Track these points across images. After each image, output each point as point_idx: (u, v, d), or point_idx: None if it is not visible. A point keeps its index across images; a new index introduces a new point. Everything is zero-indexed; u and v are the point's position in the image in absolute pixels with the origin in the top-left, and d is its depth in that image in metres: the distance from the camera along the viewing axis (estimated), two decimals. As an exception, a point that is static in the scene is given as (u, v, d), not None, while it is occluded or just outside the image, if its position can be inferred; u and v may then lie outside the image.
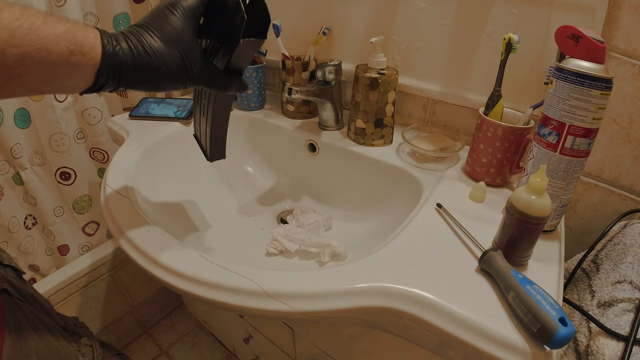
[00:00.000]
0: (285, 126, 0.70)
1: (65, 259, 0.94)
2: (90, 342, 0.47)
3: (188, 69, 0.32)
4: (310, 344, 0.61)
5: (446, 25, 0.58)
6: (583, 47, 0.37)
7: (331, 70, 0.62)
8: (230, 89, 0.36)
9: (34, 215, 0.89)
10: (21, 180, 0.83)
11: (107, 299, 0.97)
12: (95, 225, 0.99)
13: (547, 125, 0.39)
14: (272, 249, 0.55)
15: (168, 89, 0.33)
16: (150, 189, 0.56)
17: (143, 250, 0.40)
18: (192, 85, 0.33)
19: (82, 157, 0.90)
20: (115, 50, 0.29)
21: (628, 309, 0.38)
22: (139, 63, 0.29)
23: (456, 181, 0.53)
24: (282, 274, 0.37)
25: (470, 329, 0.32)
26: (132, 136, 0.64)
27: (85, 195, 0.93)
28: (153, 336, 1.12)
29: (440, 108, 0.65)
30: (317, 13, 0.70)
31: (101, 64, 0.28)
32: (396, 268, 0.37)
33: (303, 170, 0.70)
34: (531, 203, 0.34)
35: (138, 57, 0.29)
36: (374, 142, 0.62)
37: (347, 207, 0.65)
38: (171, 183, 0.63)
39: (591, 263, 0.48)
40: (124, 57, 0.29)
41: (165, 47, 0.30)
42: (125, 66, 0.29)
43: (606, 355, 0.35)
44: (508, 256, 0.37)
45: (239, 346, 0.92)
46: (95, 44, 0.28)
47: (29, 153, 0.83)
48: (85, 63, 0.27)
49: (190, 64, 0.32)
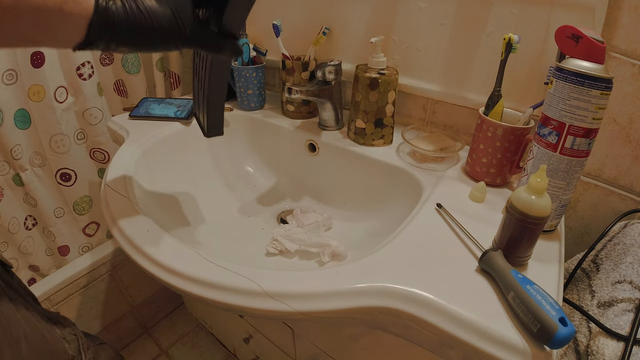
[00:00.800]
0: (285, 126, 0.70)
1: (65, 259, 0.95)
2: (74, 332, 0.48)
3: (181, 28, 0.32)
4: (310, 344, 0.61)
5: (446, 25, 0.58)
6: (583, 47, 0.37)
7: (331, 70, 0.62)
8: (224, 51, 0.35)
9: (34, 216, 0.89)
10: (21, 181, 0.83)
11: (107, 299, 0.97)
12: (95, 226, 0.99)
13: (547, 125, 0.39)
14: (272, 249, 0.55)
15: (160, 48, 0.33)
16: (151, 189, 0.56)
17: (143, 250, 0.40)
18: (184, 45, 0.33)
19: (82, 157, 0.90)
20: (109, 4, 0.29)
21: (628, 309, 0.38)
22: (131, 19, 0.30)
23: (456, 181, 0.53)
24: (282, 274, 0.37)
25: (470, 329, 0.32)
26: (132, 136, 0.64)
27: (85, 196, 0.93)
28: (153, 336, 1.12)
29: (440, 108, 0.65)
30: (317, 13, 0.70)
31: (93, 16, 0.28)
32: (396, 268, 0.37)
33: (303, 170, 0.70)
34: (531, 203, 0.34)
35: (131, 13, 0.30)
36: (374, 142, 0.62)
37: (347, 207, 0.65)
38: (171, 183, 0.63)
39: (591, 263, 0.48)
40: (117, 12, 0.29)
41: (158, 5, 0.31)
42: (117, 21, 0.29)
43: (606, 355, 0.35)
44: (508, 256, 0.37)
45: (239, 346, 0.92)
46: None
47: (29, 154, 0.83)
48: (78, 13, 0.28)
49: (182, 23, 0.32)
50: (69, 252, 0.95)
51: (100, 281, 0.94)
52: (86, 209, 0.94)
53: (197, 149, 0.71)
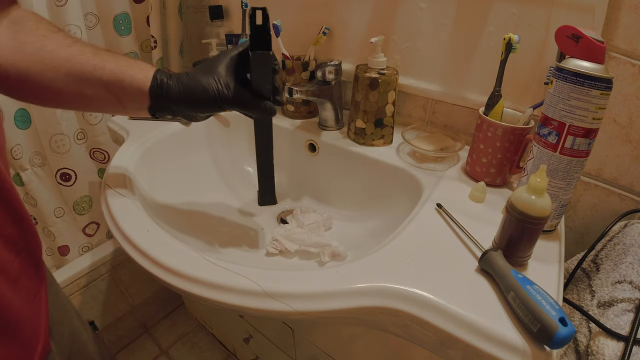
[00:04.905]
0: (285, 126, 0.70)
1: (65, 259, 0.95)
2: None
3: (220, 91, 0.39)
4: (310, 344, 0.61)
5: (446, 25, 0.58)
6: (583, 47, 0.37)
7: (331, 70, 0.62)
8: (258, 109, 0.41)
9: (34, 216, 0.89)
10: (21, 181, 0.83)
11: (107, 299, 0.97)
12: (95, 226, 0.99)
13: (547, 125, 0.39)
14: (272, 249, 0.55)
15: (205, 108, 0.41)
16: (150, 189, 0.56)
17: (143, 250, 0.40)
18: (225, 105, 0.40)
19: (82, 157, 0.90)
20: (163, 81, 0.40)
21: (628, 309, 0.38)
22: (182, 84, 0.39)
23: (456, 181, 0.53)
24: (282, 274, 0.37)
25: (470, 329, 0.32)
26: (132, 136, 0.64)
27: (85, 196, 0.93)
28: (153, 336, 1.12)
29: (440, 108, 0.65)
30: (317, 13, 0.70)
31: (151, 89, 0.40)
32: (396, 268, 0.37)
33: (303, 170, 0.70)
34: (531, 203, 0.34)
35: (180, 81, 0.40)
36: (374, 142, 0.62)
37: (347, 207, 0.65)
38: (171, 183, 0.63)
39: (591, 263, 0.48)
40: (171, 83, 0.40)
41: (203, 74, 0.39)
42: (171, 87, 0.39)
43: (606, 355, 0.35)
44: (508, 256, 0.37)
45: (239, 346, 0.92)
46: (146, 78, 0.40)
47: (29, 154, 0.83)
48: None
49: (222, 87, 0.39)
50: (69, 252, 0.95)
51: (100, 281, 0.94)
52: (86, 209, 0.94)
53: (197, 149, 0.71)
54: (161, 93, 0.39)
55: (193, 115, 0.42)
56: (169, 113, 0.41)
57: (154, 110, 0.41)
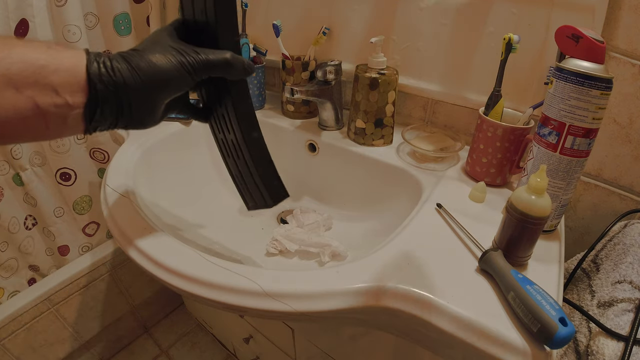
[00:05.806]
0: (285, 126, 0.70)
1: (65, 259, 0.95)
2: None
3: (188, 55, 0.31)
4: (310, 344, 0.61)
5: (446, 25, 0.58)
6: (583, 47, 0.37)
7: (331, 70, 0.62)
8: (239, 62, 0.33)
9: (34, 216, 0.89)
10: (21, 181, 0.83)
11: (107, 299, 0.97)
12: (95, 226, 0.99)
13: (547, 125, 0.39)
14: (272, 249, 0.55)
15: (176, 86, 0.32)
16: (150, 189, 0.56)
17: (143, 250, 0.40)
18: (200, 71, 0.32)
19: (82, 157, 0.90)
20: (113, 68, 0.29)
21: (628, 309, 0.38)
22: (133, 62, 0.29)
23: (456, 181, 0.53)
24: (282, 274, 0.37)
25: (470, 329, 0.32)
26: (132, 136, 0.64)
27: (85, 196, 0.93)
28: (153, 336, 1.12)
29: (440, 108, 0.65)
30: (317, 13, 0.70)
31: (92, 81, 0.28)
32: (396, 268, 0.37)
33: (303, 170, 0.70)
34: (531, 203, 0.34)
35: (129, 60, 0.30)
36: (374, 142, 0.62)
37: (347, 207, 0.65)
38: (171, 183, 0.63)
39: (591, 263, 0.48)
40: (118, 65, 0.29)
41: (151, 49, 0.31)
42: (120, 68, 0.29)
43: (606, 355, 0.35)
44: (508, 256, 0.37)
45: (239, 346, 0.92)
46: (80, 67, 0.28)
47: (29, 154, 0.83)
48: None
49: (187, 52, 0.31)
50: (69, 252, 0.95)
51: (100, 281, 0.94)
52: (86, 209, 0.94)
53: (197, 149, 0.71)
54: (109, 77, 0.28)
55: (150, 107, 0.32)
56: (113, 110, 0.29)
57: (94, 106, 0.28)
